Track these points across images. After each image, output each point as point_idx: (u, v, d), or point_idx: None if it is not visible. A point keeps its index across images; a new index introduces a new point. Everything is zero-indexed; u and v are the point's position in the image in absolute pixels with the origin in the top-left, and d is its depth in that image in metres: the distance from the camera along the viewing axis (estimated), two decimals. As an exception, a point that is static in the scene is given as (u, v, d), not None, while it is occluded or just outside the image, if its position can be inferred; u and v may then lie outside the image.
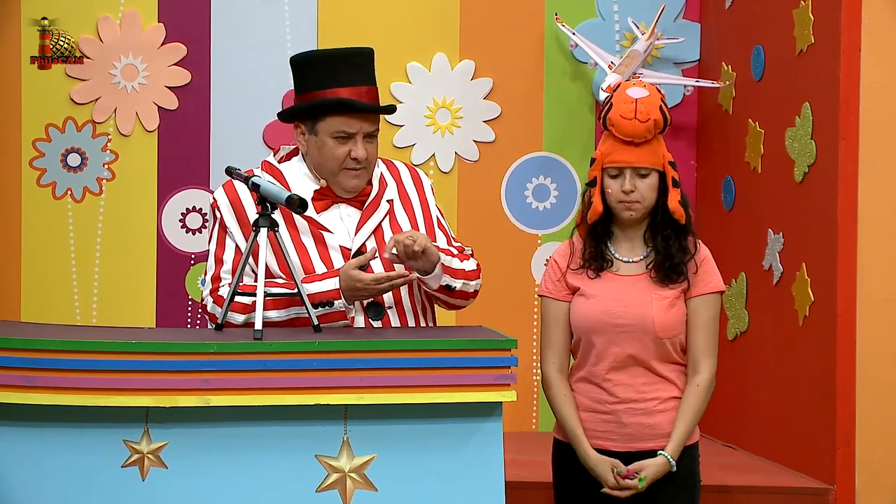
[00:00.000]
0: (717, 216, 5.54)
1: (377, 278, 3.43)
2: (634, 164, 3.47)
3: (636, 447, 3.50)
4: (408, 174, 3.75)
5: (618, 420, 3.51)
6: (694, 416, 3.52)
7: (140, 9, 5.59)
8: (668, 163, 3.50)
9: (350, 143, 3.53)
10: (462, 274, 3.59)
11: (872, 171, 4.41)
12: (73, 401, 3.01)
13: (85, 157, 5.61)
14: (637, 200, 3.49)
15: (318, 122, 3.55)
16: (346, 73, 3.54)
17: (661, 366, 3.51)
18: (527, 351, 5.62)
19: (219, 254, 3.60)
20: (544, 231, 5.77)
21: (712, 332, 3.55)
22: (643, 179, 3.49)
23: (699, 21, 5.78)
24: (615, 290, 3.53)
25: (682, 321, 3.51)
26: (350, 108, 3.51)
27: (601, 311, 3.51)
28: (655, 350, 3.49)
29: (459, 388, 3.09)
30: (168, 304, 5.64)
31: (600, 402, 3.53)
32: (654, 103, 3.46)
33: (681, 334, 3.51)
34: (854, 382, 4.40)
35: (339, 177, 3.56)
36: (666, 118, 3.48)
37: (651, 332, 3.47)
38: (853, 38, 4.40)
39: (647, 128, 3.45)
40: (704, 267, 3.54)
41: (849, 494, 4.40)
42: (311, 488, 3.08)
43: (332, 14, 5.66)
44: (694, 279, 3.52)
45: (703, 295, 3.52)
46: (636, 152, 3.47)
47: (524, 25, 5.73)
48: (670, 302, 3.50)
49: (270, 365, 3.04)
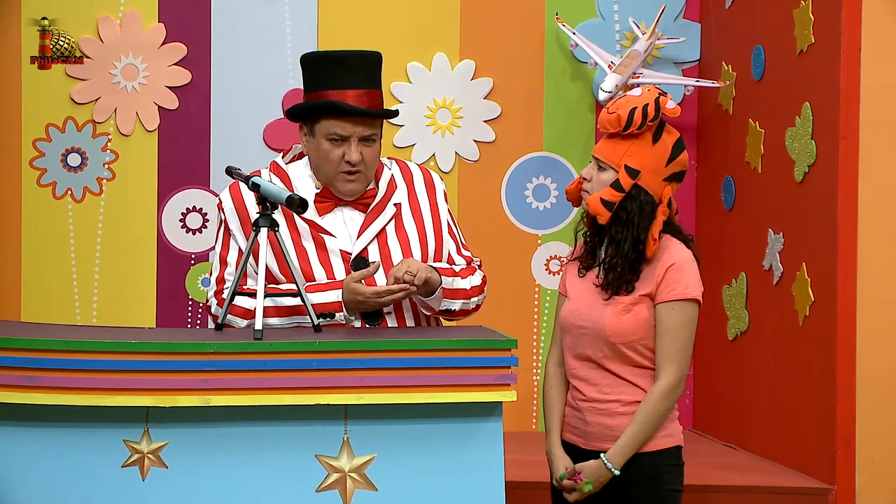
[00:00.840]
0: (717, 216, 5.54)
1: (378, 291, 3.42)
2: (594, 153, 3.50)
3: (597, 446, 3.48)
4: (420, 177, 3.72)
5: (583, 418, 3.52)
6: (644, 421, 3.43)
7: (140, 9, 5.59)
8: (625, 166, 3.44)
9: (344, 146, 3.51)
10: (463, 294, 3.59)
11: (873, 171, 4.41)
12: (73, 401, 3.01)
13: (85, 157, 5.61)
14: (587, 189, 3.50)
15: (315, 124, 3.54)
16: (342, 76, 3.52)
17: (622, 368, 3.48)
18: (527, 351, 5.63)
19: (223, 255, 3.60)
20: (544, 231, 5.77)
21: (678, 338, 3.45)
22: (599, 172, 3.49)
23: (699, 21, 5.78)
24: (584, 292, 3.53)
25: (641, 326, 3.45)
26: (338, 111, 3.50)
27: (569, 312, 3.54)
28: (612, 353, 3.47)
29: (459, 388, 3.09)
30: (168, 304, 5.64)
31: (574, 398, 3.56)
32: (630, 102, 3.44)
33: (642, 340, 3.46)
34: (854, 382, 4.40)
35: (334, 181, 3.55)
36: (631, 121, 3.42)
37: (603, 336, 3.47)
38: (853, 38, 4.40)
39: (610, 120, 3.44)
40: (672, 273, 3.45)
41: (849, 494, 4.40)
42: (311, 488, 3.08)
43: (333, 14, 5.66)
44: (660, 285, 3.47)
45: (665, 302, 3.46)
46: (602, 143, 3.50)
47: (524, 25, 5.73)
48: (624, 307, 3.45)
49: (270, 365, 3.04)
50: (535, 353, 5.66)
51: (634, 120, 3.42)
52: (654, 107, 3.44)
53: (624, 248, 3.45)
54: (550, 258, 5.73)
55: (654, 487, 3.49)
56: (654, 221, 3.46)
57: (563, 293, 3.63)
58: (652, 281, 3.46)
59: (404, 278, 3.40)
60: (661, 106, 3.44)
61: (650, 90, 3.48)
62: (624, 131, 3.44)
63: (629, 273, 3.46)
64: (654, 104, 3.44)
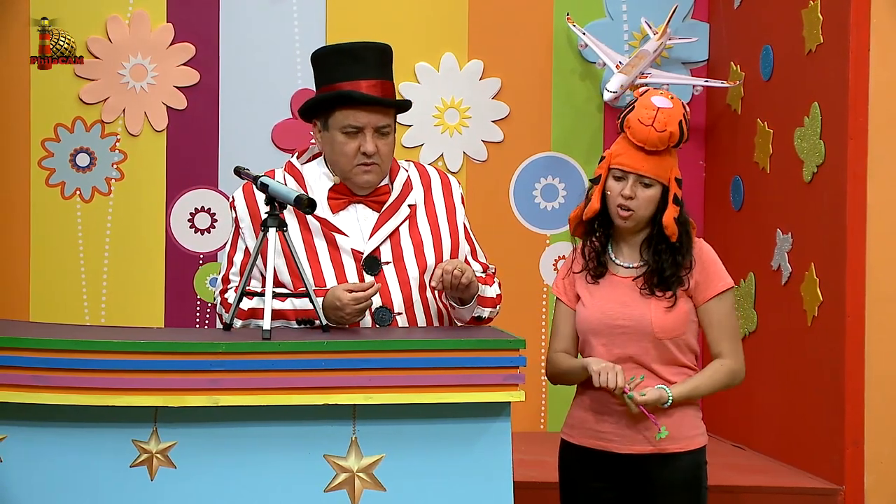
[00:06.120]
0: (725, 216, 5.53)
1: (357, 297, 3.36)
2: (640, 172, 3.45)
3: (638, 450, 3.49)
4: (438, 180, 3.69)
5: (618, 422, 3.50)
6: (709, 382, 3.51)
7: (149, 9, 5.60)
8: (675, 178, 3.48)
9: (359, 137, 3.50)
10: (490, 302, 3.59)
11: (881, 171, 4.41)
12: (81, 400, 3.01)
13: (94, 157, 5.61)
14: (632, 209, 3.47)
15: (329, 118, 3.53)
16: (354, 67, 3.51)
17: (663, 368, 3.50)
18: (535, 351, 5.62)
19: (231, 255, 3.60)
20: (552, 231, 5.77)
21: (730, 327, 3.54)
22: (645, 189, 3.46)
23: (708, 21, 5.78)
24: (614, 292, 3.53)
25: (684, 322, 3.49)
26: (351, 101, 3.48)
27: (600, 313, 3.52)
28: (655, 352, 3.48)
29: (468, 388, 3.09)
30: (176, 304, 5.65)
31: (603, 403, 3.52)
32: (674, 116, 3.43)
33: (683, 335, 3.50)
34: (863, 383, 4.40)
35: (351, 173, 3.54)
36: (683, 134, 3.45)
37: (649, 332, 3.47)
38: (862, 38, 4.40)
39: (662, 138, 3.43)
40: (708, 269, 3.52)
41: (857, 495, 4.39)
42: (319, 488, 3.08)
43: (341, 14, 5.66)
44: (698, 287, 3.51)
45: (713, 298, 3.51)
46: (645, 160, 3.45)
47: (533, 25, 5.73)
48: (668, 303, 3.48)
49: (279, 365, 3.04)
50: (542, 353, 5.65)
51: (685, 133, 3.45)
52: (687, 113, 3.49)
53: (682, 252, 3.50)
54: (558, 258, 5.72)
55: (697, 484, 3.54)
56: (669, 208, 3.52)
57: (566, 300, 3.62)
58: (688, 277, 3.50)
59: (454, 272, 3.38)
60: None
61: (672, 98, 3.49)
62: (677, 146, 3.45)
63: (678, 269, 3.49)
64: (685, 110, 3.47)
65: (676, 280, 3.48)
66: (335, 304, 3.37)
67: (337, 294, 3.37)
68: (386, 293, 3.51)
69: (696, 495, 3.53)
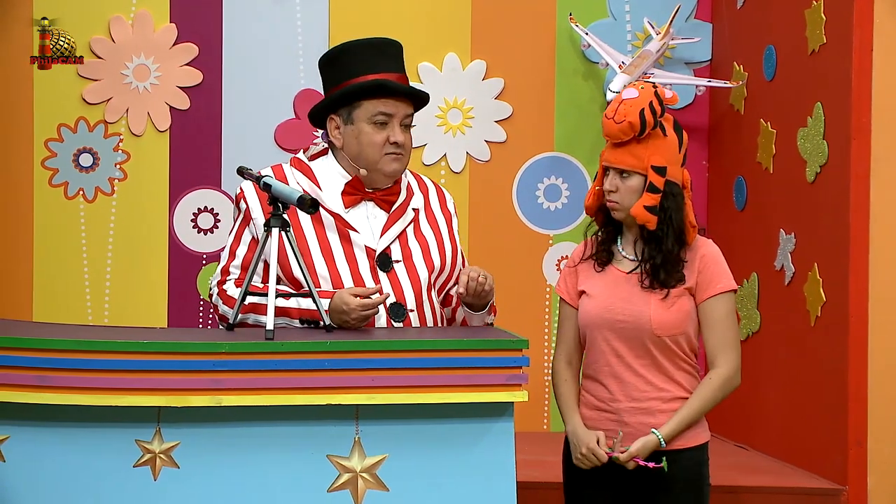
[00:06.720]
0: (728, 216, 5.53)
1: (364, 304, 3.38)
2: (614, 164, 3.48)
3: None
4: (434, 192, 3.76)
5: (620, 419, 3.50)
6: (700, 403, 3.48)
7: (152, 9, 5.60)
8: (652, 167, 3.46)
9: (388, 128, 3.54)
10: (494, 309, 3.65)
11: (884, 171, 4.40)
12: (84, 400, 3.01)
13: (97, 157, 5.62)
14: (616, 201, 3.49)
15: (354, 110, 3.55)
16: (379, 60, 3.57)
17: (662, 365, 3.49)
18: (538, 351, 5.62)
19: (234, 247, 3.60)
20: (556, 231, 5.77)
21: (727, 328, 3.52)
22: (624, 181, 3.48)
23: (711, 21, 5.78)
24: (616, 287, 3.53)
25: (684, 319, 3.49)
26: (387, 90, 3.53)
27: (602, 308, 3.52)
28: (655, 347, 3.49)
29: (471, 389, 3.09)
30: (179, 304, 5.65)
31: (603, 400, 3.53)
32: (635, 105, 3.43)
33: (684, 333, 3.50)
34: (866, 383, 4.40)
35: (380, 163, 3.55)
36: (644, 122, 3.43)
37: (648, 329, 3.47)
38: (865, 38, 4.40)
39: (621, 129, 3.43)
40: (710, 268, 3.51)
41: (861, 495, 4.39)
42: (322, 488, 3.08)
43: (344, 14, 5.67)
44: (699, 283, 3.51)
45: (712, 297, 3.51)
46: (616, 152, 3.48)
47: (536, 25, 5.73)
48: (668, 300, 3.48)
49: (282, 365, 3.04)
50: (546, 353, 5.65)
51: (647, 121, 3.43)
52: (658, 101, 3.45)
53: (668, 243, 3.48)
54: (562, 258, 5.72)
55: (698, 482, 3.54)
56: (687, 207, 3.51)
57: (569, 299, 3.62)
58: (690, 275, 3.49)
59: (479, 279, 3.45)
60: (662, 98, 3.47)
61: (644, 87, 3.49)
62: (640, 135, 3.44)
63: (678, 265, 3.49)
64: (657, 99, 3.45)
65: (674, 274, 3.48)
66: (341, 307, 3.38)
67: (344, 298, 3.38)
68: (399, 290, 3.53)
69: (699, 492, 3.54)
